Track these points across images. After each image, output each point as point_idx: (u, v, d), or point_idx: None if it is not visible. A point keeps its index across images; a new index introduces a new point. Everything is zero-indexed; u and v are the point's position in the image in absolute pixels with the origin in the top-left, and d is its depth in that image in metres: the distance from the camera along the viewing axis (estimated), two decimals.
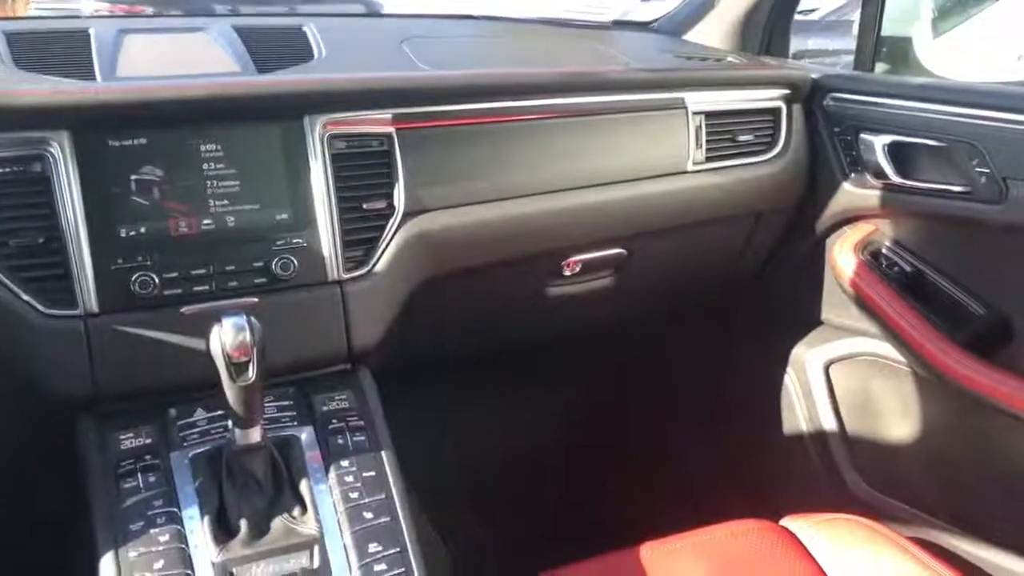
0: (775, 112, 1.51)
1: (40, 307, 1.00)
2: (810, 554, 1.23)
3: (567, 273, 1.44)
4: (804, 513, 1.30)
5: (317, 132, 1.12)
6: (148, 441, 1.02)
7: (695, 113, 1.43)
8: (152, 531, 0.94)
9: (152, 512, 0.95)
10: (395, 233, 1.17)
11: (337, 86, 1.15)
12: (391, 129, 1.17)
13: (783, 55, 1.75)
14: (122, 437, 1.02)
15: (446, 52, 1.42)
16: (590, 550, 1.22)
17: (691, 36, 1.75)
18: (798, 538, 1.25)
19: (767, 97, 1.50)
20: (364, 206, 1.15)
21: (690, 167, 1.43)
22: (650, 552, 1.21)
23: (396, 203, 1.17)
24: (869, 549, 1.22)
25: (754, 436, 1.77)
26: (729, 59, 1.60)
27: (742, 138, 1.48)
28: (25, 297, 1.00)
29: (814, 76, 1.53)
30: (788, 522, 1.29)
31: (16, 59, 1.12)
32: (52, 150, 1.00)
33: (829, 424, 1.64)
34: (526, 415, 1.85)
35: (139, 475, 0.98)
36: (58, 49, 1.15)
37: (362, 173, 1.16)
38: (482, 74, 1.30)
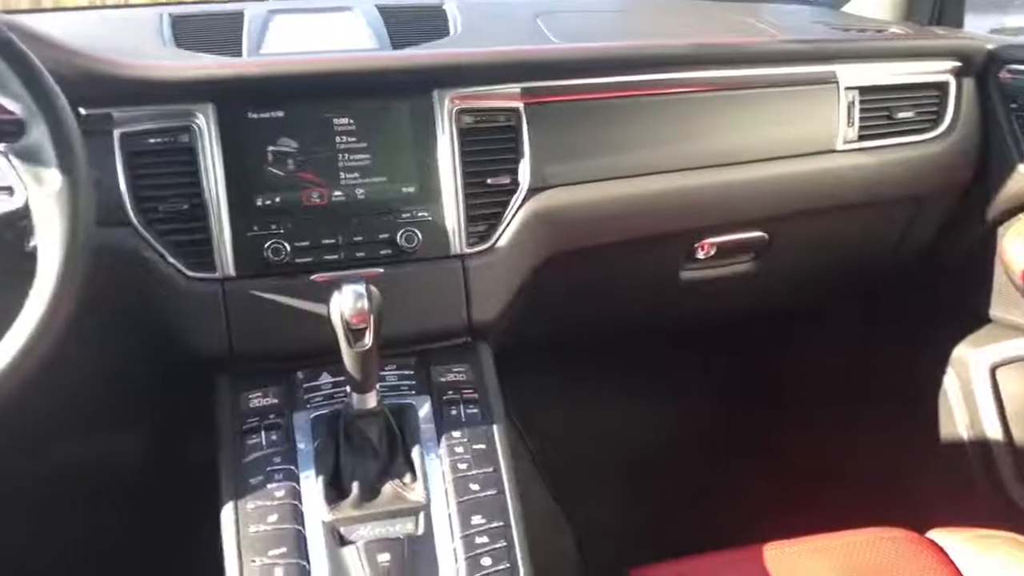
0: (941, 87, 1.38)
1: (184, 270, 1.07)
2: (959, 572, 1.12)
3: (701, 256, 1.38)
4: (956, 527, 1.19)
5: (446, 107, 1.13)
6: (275, 401, 1.07)
7: (848, 88, 1.32)
8: (270, 486, 0.98)
9: (271, 468, 0.99)
10: (519, 209, 1.16)
11: (464, 60, 1.15)
12: (519, 104, 1.16)
13: (956, 26, 1.59)
14: (251, 396, 1.07)
15: (582, 26, 1.39)
16: (712, 544, 1.17)
17: (851, 7, 1.63)
18: (946, 553, 1.14)
19: (933, 70, 1.37)
20: (489, 181, 1.15)
21: (840, 146, 1.33)
22: (775, 552, 1.14)
23: (521, 178, 1.16)
24: None
25: (903, 439, 1.63)
26: (892, 30, 1.48)
27: (901, 115, 1.36)
28: (171, 260, 1.06)
29: (990, 47, 1.38)
30: (937, 535, 1.18)
31: (176, 39, 1.20)
32: (198, 122, 1.06)
33: (993, 432, 1.49)
34: (653, 403, 1.80)
35: (263, 432, 1.03)
36: (213, 29, 1.22)
37: (488, 148, 1.15)
38: (613, 46, 1.27)
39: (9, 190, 0.86)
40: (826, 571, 1.11)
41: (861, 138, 1.34)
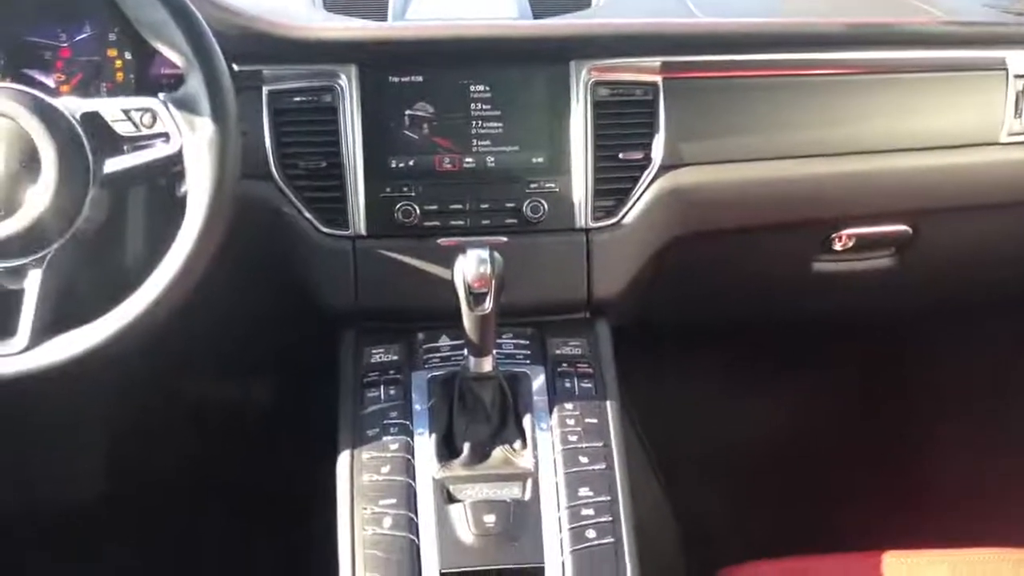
0: None
1: (319, 226, 1.11)
2: None
3: (838, 248, 1.31)
4: None
5: (582, 78, 1.12)
6: (395, 358, 1.10)
7: (1018, 76, 1.22)
8: (385, 438, 1.01)
9: (387, 422, 1.02)
10: (649, 185, 1.14)
11: (603, 31, 1.14)
12: (657, 78, 1.14)
13: None
14: (374, 351, 1.11)
15: (731, 1, 1.34)
16: (824, 547, 1.12)
17: None
18: None
19: None
20: (620, 155, 1.14)
21: (1003, 138, 1.24)
22: (895, 561, 1.08)
23: (653, 155, 1.14)
24: None
25: None
26: None
27: None
28: (307, 215, 1.11)
29: None
30: None
31: (326, 3, 1.23)
32: (341, 83, 1.10)
33: None
34: (771, 397, 1.74)
35: (382, 387, 1.06)
36: None
37: (622, 122, 1.14)
38: (760, 23, 1.22)
39: (166, 136, 0.92)
40: None
41: None
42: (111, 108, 0.93)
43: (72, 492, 1.60)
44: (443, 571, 0.92)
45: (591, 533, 0.94)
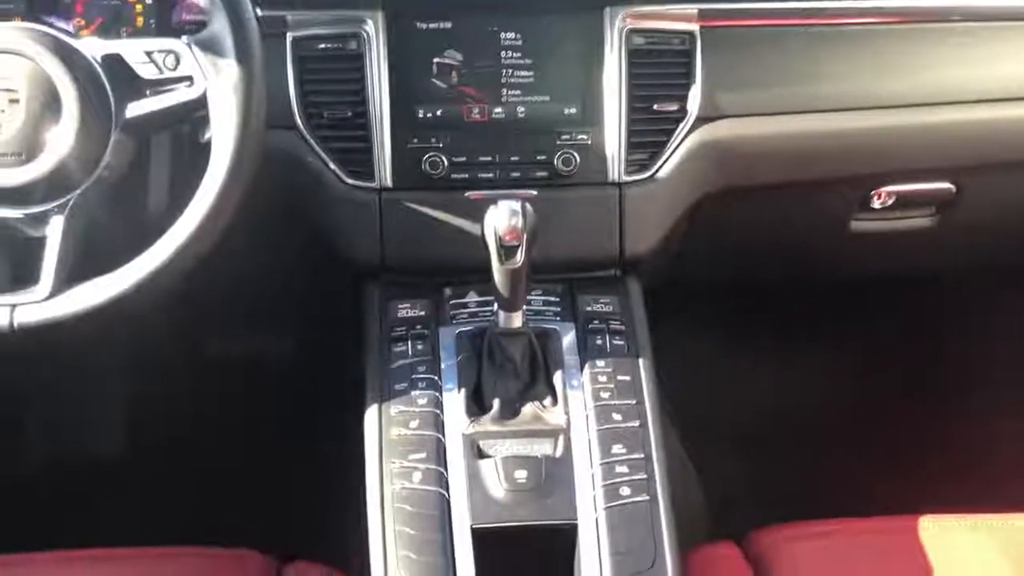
0: None
1: (344, 177, 1.08)
2: None
3: (876, 206, 1.27)
4: None
5: (617, 25, 1.09)
6: (422, 313, 1.08)
7: None
8: (413, 393, 0.99)
9: (416, 376, 1.00)
10: (684, 138, 1.11)
11: None
12: (695, 27, 1.10)
13: None
14: (400, 306, 1.08)
15: None
16: (858, 512, 1.10)
17: None
18: None
19: None
20: (655, 107, 1.11)
21: None
22: (930, 525, 1.06)
23: (689, 107, 1.11)
24: None
25: None
26: None
27: None
28: (332, 166, 1.08)
29: None
30: None
31: None
32: (367, 29, 1.07)
33: None
34: (809, 361, 1.71)
35: (409, 342, 1.04)
36: None
37: (658, 72, 1.11)
38: None
39: (189, 80, 0.90)
40: (989, 550, 1.02)
41: None
42: (134, 50, 0.90)
43: (94, 445, 1.60)
44: (474, 526, 0.90)
45: (625, 491, 0.92)
